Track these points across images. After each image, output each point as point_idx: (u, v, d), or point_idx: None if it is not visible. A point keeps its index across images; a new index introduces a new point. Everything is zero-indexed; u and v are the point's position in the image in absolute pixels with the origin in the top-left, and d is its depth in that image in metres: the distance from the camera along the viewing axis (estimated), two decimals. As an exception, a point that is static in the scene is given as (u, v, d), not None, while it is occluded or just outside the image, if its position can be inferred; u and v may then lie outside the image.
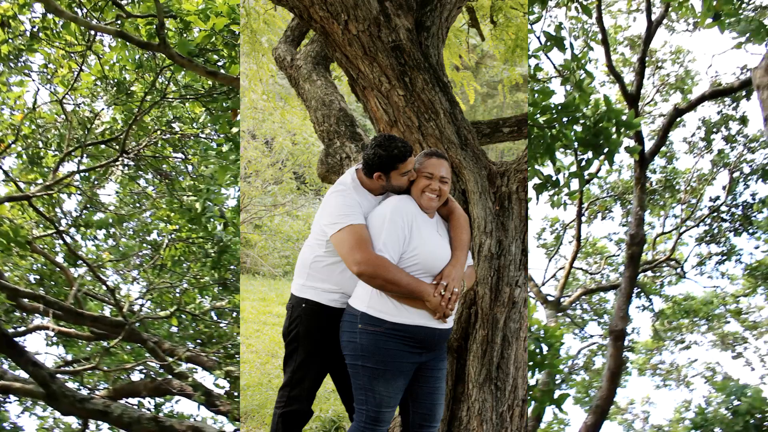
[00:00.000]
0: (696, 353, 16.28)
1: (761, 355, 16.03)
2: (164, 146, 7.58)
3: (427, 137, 3.98)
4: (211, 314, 7.69)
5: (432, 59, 4.17)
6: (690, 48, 26.62)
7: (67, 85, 6.87)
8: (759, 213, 13.24)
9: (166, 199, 7.61)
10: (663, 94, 13.88)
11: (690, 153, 14.14)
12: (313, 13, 3.88)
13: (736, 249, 14.18)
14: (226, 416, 6.97)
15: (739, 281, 15.29)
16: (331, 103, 4.95)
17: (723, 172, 13.89)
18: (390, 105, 4.01)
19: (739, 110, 12.94)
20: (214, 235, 7.37)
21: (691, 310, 15.07)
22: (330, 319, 3.30)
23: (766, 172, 13.12)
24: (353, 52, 3.94)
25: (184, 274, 7.62)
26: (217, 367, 7.08)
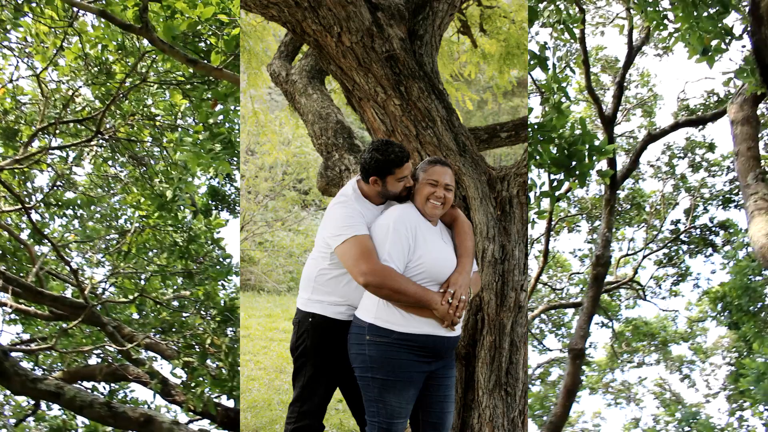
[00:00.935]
0: (646, 371, 16.67)
1: (706, 376, 16.50)
2: (140, 129, 7.50)
3: (426, 145, 3.98)
4: (173, 304, 7.62)
5: (426, 67, 4.18)
6: (657, 71, 27.17)
7: (47, 61, 6.76)
8: (715, 235, 13.60)
9: (138, 183, 7.53)
10: (626, 114, 14.14)
11: (655, 177, 14.47)
12: (306, 27, 3.89)
13: (690, 271, 14.55)
14: (180, 406, 6.92)
15: (694, 307, 15.70)
16: (327, 116, 4.94)
17: (686, 196, 14.26)
18: (387, 115, 4.01)
19: (706, 136, 13.33)
20: (183, 224, 7.32)
21: (648, 333, 15.40)
22: (338, 332, 3.28)
23: (727, 199, 13.48)
24: (348, 64, 3.95)
25: (149, 261, 7.54)
26: (175, 357, 7.03)
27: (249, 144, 16.11)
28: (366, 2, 3.97)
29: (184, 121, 7.04)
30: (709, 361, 16.48)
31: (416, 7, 4.38)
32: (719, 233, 13.64)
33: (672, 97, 33.63)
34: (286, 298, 14.83)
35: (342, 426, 6.36)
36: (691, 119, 11.86)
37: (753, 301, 10.51)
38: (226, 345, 6.17)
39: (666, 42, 12.04)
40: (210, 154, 5.10)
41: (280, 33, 7.16)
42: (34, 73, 6.85)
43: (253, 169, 16.36)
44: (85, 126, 7.19)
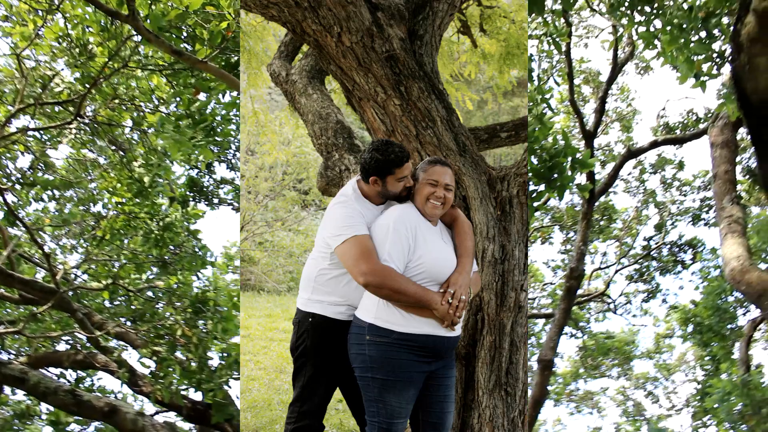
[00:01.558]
0: (609, 382, 16.90)
1: (668, 393, 16.74)
2: (120, 113, 7.40)
3: (426, 145, 3.97)
4: (147, 292, 7.54)
5: (426, 67, 4.18)
6: (637, 87, 27.51)
7: (28, 40, 6.65)
8: (683, 253, 13.82)
9: (116, 168, 7.43)
10: (605, 128, 14.31)
11: (627, 192, 14.67)
12: (306, 27, 3.89)
13: (660, 288, 14.76)
14: (147, 397, 6.86)
15: (662, 323, 15.93)
16: (327, 116, 4.92)
17: (655, 212, 14.50)
18: (387, 115, 4.01)
19: (677, 154, 13.57)
20: (158, 212, 7.25)
21: (614, 348, 15.58)
22: (338, 332, 3.26)
23: (696, 216, 13.72)
24: (348, 64, 3.95)
25: (123, 249, 7.45)
26: (145, 347, 6.96)
27: (249, 144, 16.06)
28: (366, 2, 3.98)
29: (166, 107, 6.96)
30: (672, 377, 16.72)
31: (416, 7, 4.39)
32: (687, 251, 13.86)
33: (650, 112, 34.11)
34: (286, 298, 14.83)
35: (342, 426, 6.36)
36: (670, 138, 12.02)
37: (723, 322, 10.68)
38: (197, 337, 6.12)
39: (651, 61, 12.20)
40: (192, 141, 5.06)
41: (280, 33, 7.11)
42: (13, 52, 6.74)
43: (253, 169, 16.31)
44: (64, 108, 7.09)
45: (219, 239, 29.39)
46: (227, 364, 6.54)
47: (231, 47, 5.91)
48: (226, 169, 10.29)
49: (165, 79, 6.80)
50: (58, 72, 7.00)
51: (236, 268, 14.39)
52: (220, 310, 6.23)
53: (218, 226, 35.90)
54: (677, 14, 4.83)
